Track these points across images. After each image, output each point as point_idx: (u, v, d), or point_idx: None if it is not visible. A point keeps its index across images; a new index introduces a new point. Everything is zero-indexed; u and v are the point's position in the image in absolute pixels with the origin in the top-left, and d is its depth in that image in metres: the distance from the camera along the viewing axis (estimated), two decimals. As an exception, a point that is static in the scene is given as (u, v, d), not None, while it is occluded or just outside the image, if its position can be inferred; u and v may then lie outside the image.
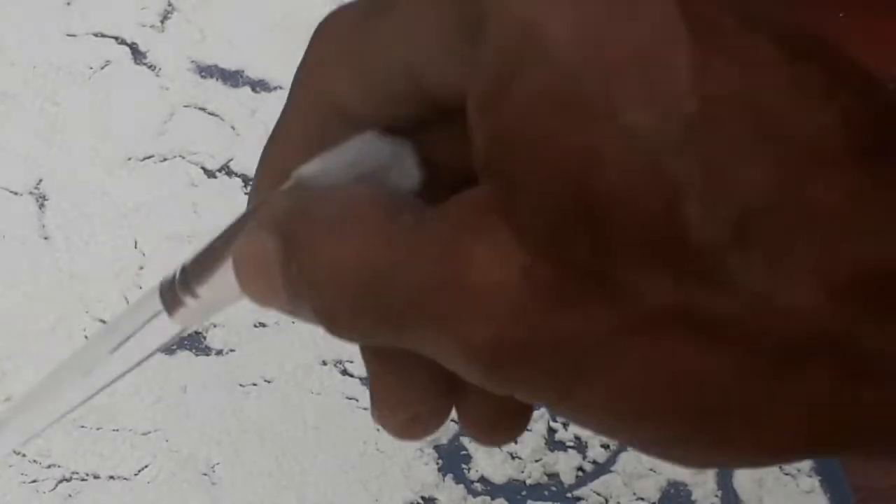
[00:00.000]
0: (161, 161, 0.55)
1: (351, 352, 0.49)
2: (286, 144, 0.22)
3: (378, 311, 0.18)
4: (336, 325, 0.19)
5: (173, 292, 0.22)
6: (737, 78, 0.15)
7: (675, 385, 0.16)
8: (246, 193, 0.54)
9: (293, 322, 0.49)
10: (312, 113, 0.21)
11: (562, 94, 0.16)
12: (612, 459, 0.47)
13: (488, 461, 0.47)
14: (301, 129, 0.21)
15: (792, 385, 0.16)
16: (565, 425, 0.48)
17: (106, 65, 0.59)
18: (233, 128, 0.56)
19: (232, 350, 0.49)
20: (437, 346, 0.17)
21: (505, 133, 0.16)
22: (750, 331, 0.16)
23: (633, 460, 0.47)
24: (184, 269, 0.22)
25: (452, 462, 0.46)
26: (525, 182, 0.16)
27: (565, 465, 0.47)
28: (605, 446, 0.48)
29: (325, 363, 0.48)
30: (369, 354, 0.22)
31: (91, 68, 0.58)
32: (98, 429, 0.46)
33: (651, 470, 0.47)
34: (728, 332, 0.16)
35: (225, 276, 0.21)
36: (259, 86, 0.58)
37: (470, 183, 0.18)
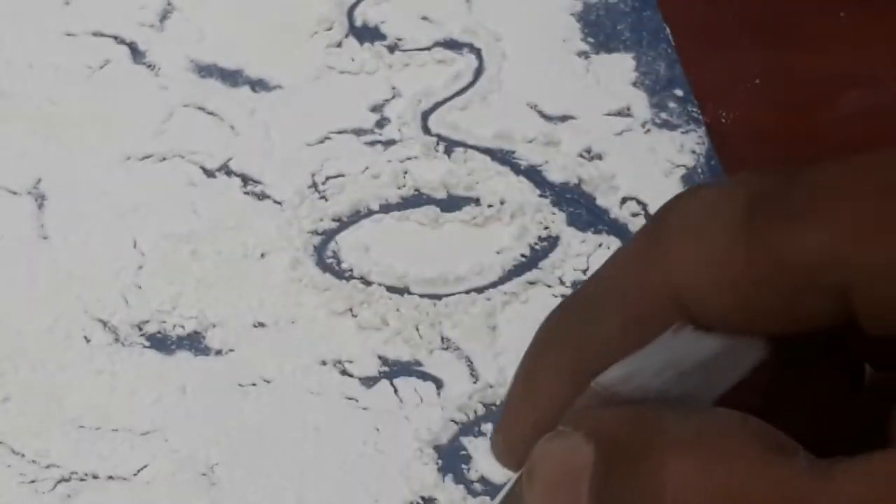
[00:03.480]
0: (160, 160, 0.55)
1: (351, 352, 0.49)
2: (594, 336, 0.17)
3: None
4: None
5: None
6: None
7: None
8: (245, 193, 0.54)
9: (293, 322, 0.49)
10: (646, 305, 0.16)
11: None
12: (611, 459, 0.47)
13: (488, 462, 0.46)
14: (622, 321, 0.17)
15: None
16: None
17: (105, 64, 0.59)
18: (232, 127, 0.56)
19: (231, 350, 0.48)
20: None
21: None
22: None
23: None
24: None
25: (452, 462, 0.46)
26: None
27: (565, 465, 0.47)
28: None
29: (324, 363, 0.48)
30: None
31: (90, 68, 0.58)
32: (97, 429, 0.46)
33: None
34: None
35: None
36: (258, 85, 0.58)
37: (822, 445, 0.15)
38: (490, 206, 0.53)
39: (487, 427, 0.47)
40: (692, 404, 0.16)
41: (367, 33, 0.60)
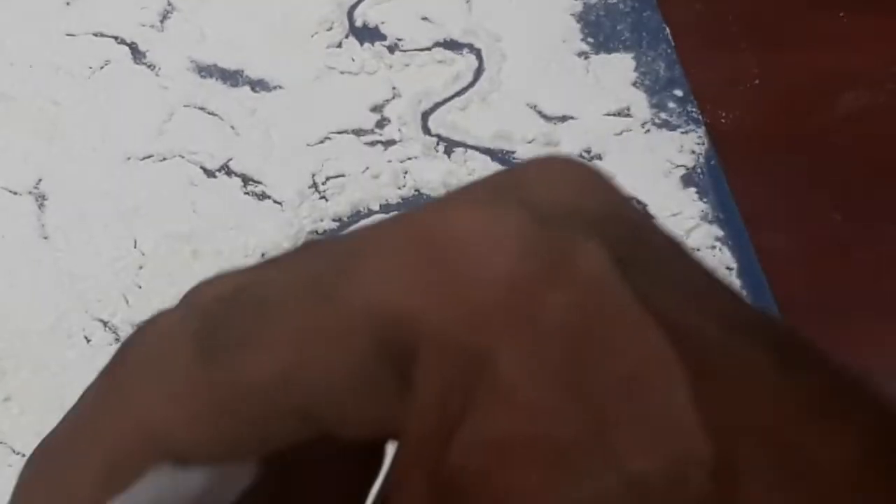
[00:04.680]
0: (160, 160, 0.55)
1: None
2: (77, 483, 0.16)
3: None
4: None
5: None
6: (738, 400, 0.13)
7: None
8: (246, 193, 0.54)
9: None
10: (122, 449, 0.16)
11: (537, 436, 0.13)
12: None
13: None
14: (102, 468, 0.16)
15: None
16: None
17: (106, 64, 0.59)
18: (232, 127, 0.56)
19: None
20: None
21: (458, 481, 0.13)
22: None
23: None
24: None
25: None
26: None
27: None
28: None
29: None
30: None
31: (91, 68, 0.58)
32: (98, 428, 0.46)
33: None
34: None
35: None
36: (258, 85, 0.58)
37: None
38: (490, 206, 0.53)
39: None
40: None
41: (367, 34, 0.60)
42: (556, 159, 0.15)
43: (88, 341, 0.48)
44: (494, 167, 0.55)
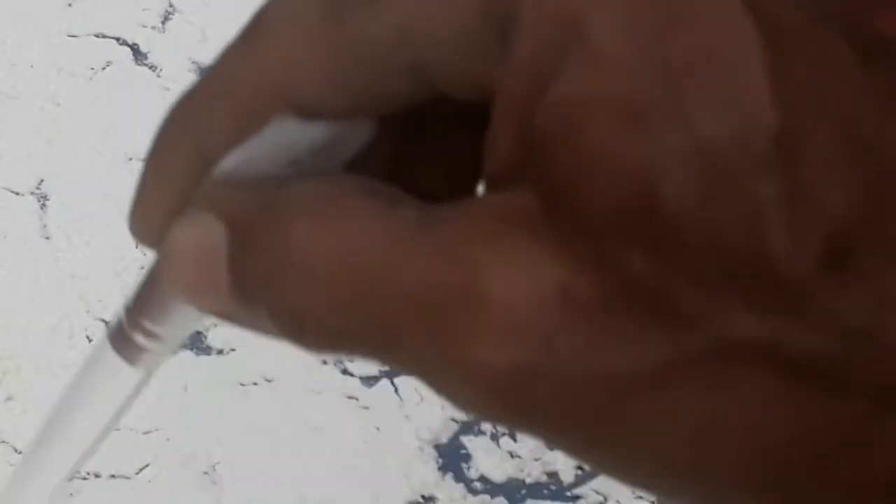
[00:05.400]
0: (162, 161, 0.55)
1: (351, 351, 0.49)
2: (209, 129, 0.18)
3: (366, 319, 0.15)
4: (305, 332, 0.16)
5: (124, 338, 0.19)
6: (816, 84, 0.14)
7: (747, 437, 0.14)
8: (246, 193, 0.54)
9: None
10: (250, 100, 0.17)
11: (619, 97, 0.14)
12: (611, 458, 0.48)
13: (488, 460, 0.47)
14: (231, 115, 0.17)
15: (891, 434, 0.14)
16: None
17: (107, 65, 0.59)
18: (233, 128, 0.57)
19: (233, 349, 0.49)
20: (436, 367, 0.15)
21: (544, 137, 0.14)
22: (845, 372, 0.14)
23: (632, 459, 0.48)
24: (129, 310, 0.19)
25: (452, 461, 0.46)
26: (569, 190, 0.14)
27: (564, 463, 0.47)
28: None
29: (325, 363, 0.48)
30: None
31: (92, 69, 0.58)
32: (99, 428, 0.46)
33: (650, 469, 0.47)
34: (818, 373, 0.14)
35: (178, 305, 0.18)
36: (260, 86, 0.58)
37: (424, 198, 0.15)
38: (490, 206, 0.54)
39: (487, 426, 0.48)
40: (309, 176, 0.16)
41: (368, 34, 0.61)
42: None
43: (90, 341, 0.49)
44: (495, 167, 0.55)
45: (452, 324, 0.14)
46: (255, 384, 0.48)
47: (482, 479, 0.46)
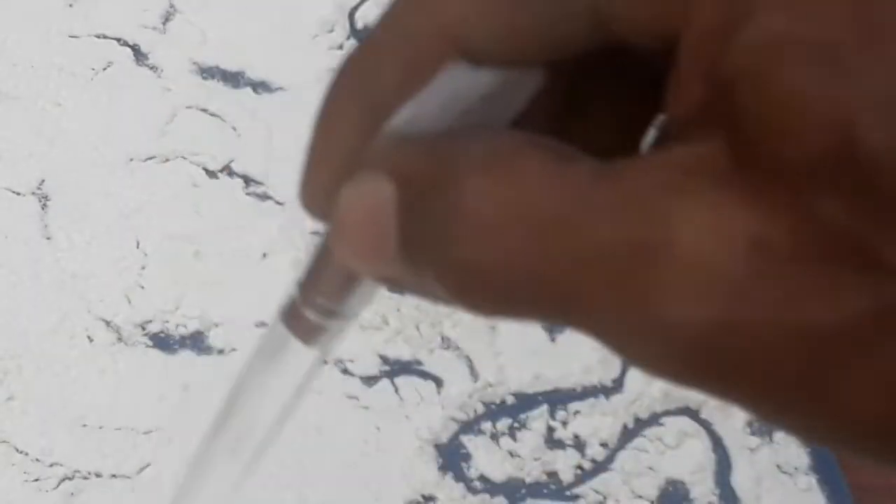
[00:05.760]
0: (163, 162, 0.55)
1: (352, 351, 0.49)
2: (380, 83, 0.17)
3: (543, 276, 0.14)
4: (475, 292, 0.15)
5: (298, 316, 0.19)
6: None
7: None
8: (248, 194, 0.54)
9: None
10: (422, 47, 0.16)
11: (818, 38, 0.13)
12: (610, 458, 0.48)
13: (488, 459, 0.47)
14: (403, 66, 0.17)
15: None
16: (564, 424, 0.48)
17: (108, 66, 0.59)
18: (234, 129, 0.57)
19: (234, 349, 0.49)
20: (621, 327, 0.14)
21: (736, 80, 0.14)
22: None
23: (631, 459, 0.48)
24: (301, 286, 0.18)
25: (452, 460, 0.47)
26: (762, 136, 0.13)
27: (564, 463, 0.47)
28: (604, 445, 0.48)
29: (325, 362, 0.48)
30: None
31: (93, 69, 0.59)
32: (100, 428, 0.46)
33: (649, 468, 0.47)
34: None
35: (351, 276, 0.17)
36: (260, 87, 0.58)
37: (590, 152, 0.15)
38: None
39: (487, 426, 0.48)
40: (482, 131, 0.16)
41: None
42: None
43: (91, 341, 0.49)
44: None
45: (640, 279, 0.13)
46: (255, 384, 0.48)
47: (482, 478, 0.46)
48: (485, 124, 0.16)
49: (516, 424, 0.48)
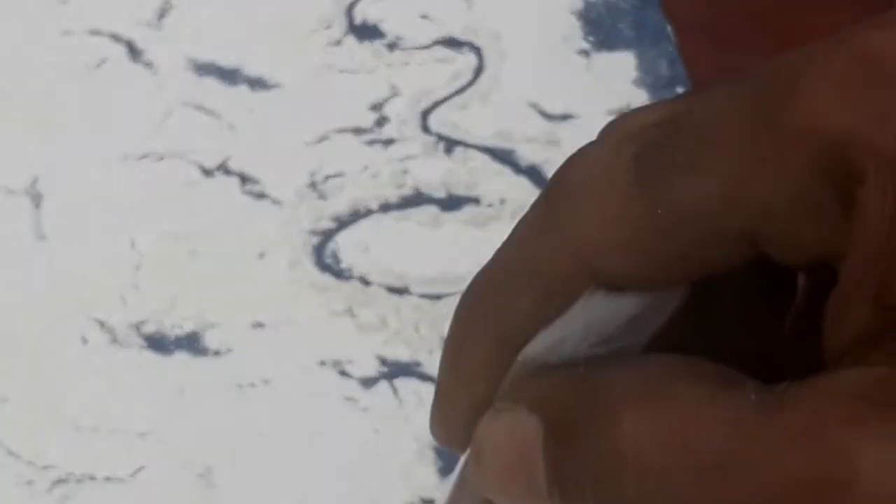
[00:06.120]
0: (158, 160, 0.55)
1: (350, 353, 0.48)
2: (513, 312, 0.17)
3: None
4: None
5: None
6: None
7: None
8: (244, 192, 0.54)
9: (292, 322, 0.49)
10: (557, 277, 0.16)
11: None
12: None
13: (488, 462, 0.46)
14: (537, 296, 0.16)
15: None
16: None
17: (102, 63, 0.58)
18: (230, 126, 0.56)
19: (230, 350, 0.48)
20: None
21: None
22: None
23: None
24: None
25: (452, 463, 0.46)
26: None
27: (566, 466, 0.47)
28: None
29: (323, 364, 0.48)
30: None
31: (87, 66, 0.58)
32: (94, 430, 0.46)
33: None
34: None
35: None
36: (257, 84, 0.58)
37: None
38: (490, 205, 0.53)
39: (488, 428, 0.47)
40: (626, 359, 0.16)
41: (366, 32, 0.60)
42: None
43: (85, 342, 0.48)
44: (495, 166, 0.55)
45: None
46: (252, 386, 0.47)
47: (483, 481, 0.46)
48: (627, 348, 0.16)
49: (517, 426, 0.47)
